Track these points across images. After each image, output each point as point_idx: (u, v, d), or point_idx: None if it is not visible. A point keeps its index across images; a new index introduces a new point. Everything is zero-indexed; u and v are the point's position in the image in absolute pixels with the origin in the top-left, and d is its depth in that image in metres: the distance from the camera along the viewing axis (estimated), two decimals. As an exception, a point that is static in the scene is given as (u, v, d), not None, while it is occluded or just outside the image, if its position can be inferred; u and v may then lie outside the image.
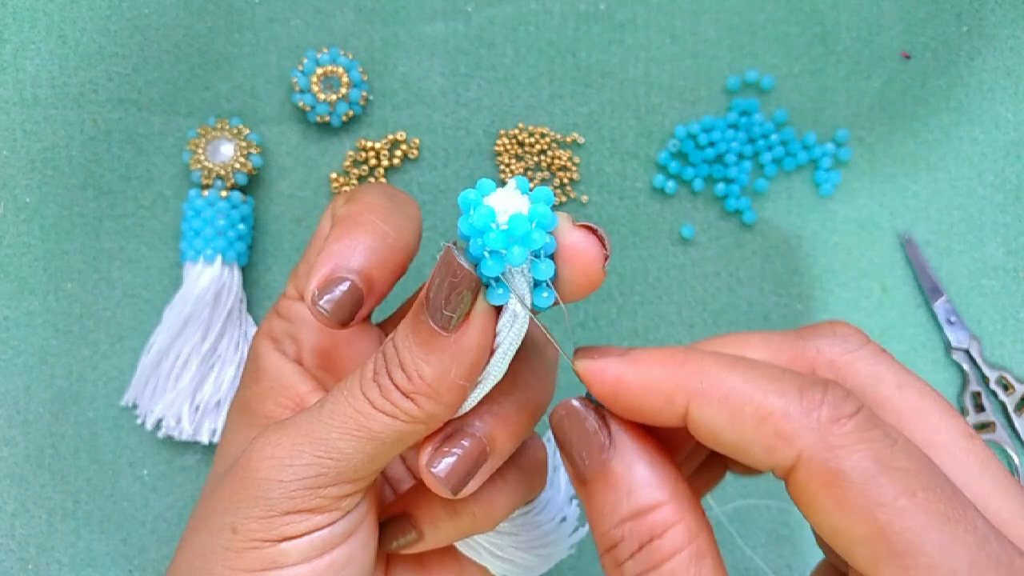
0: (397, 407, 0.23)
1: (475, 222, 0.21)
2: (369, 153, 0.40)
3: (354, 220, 0.26)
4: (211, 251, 0.38)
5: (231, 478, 0.24)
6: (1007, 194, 0.41)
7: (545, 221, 0.22)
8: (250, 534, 0.24)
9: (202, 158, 0.38)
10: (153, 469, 0.39)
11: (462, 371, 0.22)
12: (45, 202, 0.39)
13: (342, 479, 0.23)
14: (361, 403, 0.23)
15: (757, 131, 0.40)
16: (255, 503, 0.23)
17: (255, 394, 0.27)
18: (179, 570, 0.25)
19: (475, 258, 0.22)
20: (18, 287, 0.39)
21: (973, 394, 0.40)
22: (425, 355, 0.22)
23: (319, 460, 0.23)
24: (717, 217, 0.41)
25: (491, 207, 0.21)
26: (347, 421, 0.23)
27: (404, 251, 0.26)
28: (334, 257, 0.25)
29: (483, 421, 0.24)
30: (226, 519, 0.24)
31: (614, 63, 0.40)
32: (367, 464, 0.23)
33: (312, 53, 0.39)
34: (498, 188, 0.22)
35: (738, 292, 0.40)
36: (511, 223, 0.21)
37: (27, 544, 0.39)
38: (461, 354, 0.22)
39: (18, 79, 0.39)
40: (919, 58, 0.41)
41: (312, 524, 0.24)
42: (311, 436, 0.23)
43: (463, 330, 0.22)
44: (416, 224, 0.27)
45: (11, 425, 0.39)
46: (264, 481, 0.23)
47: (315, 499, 0.23)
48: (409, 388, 0.23)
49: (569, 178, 0.40)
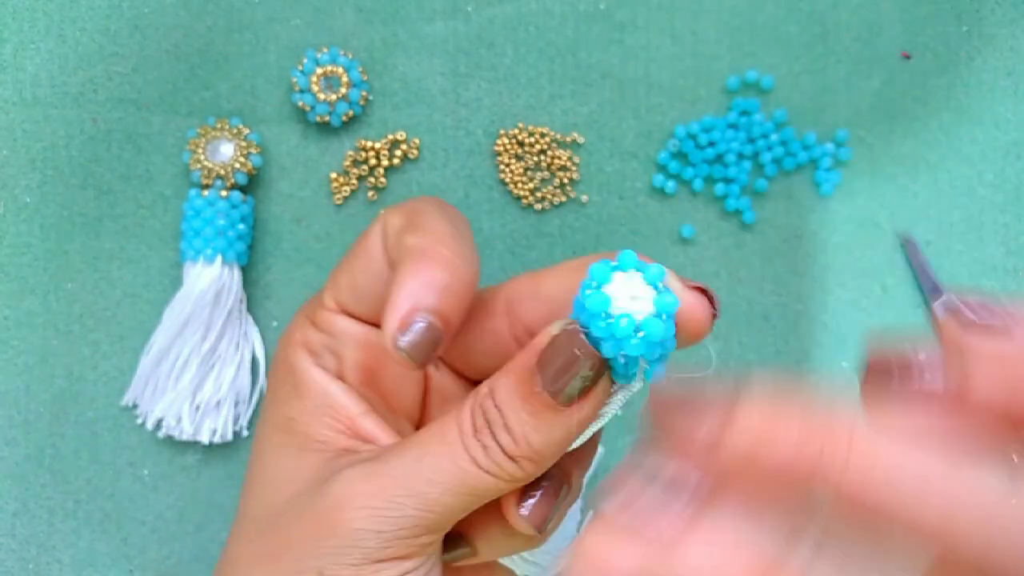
0: (501, 468, 0.23)
1: (616, 332, 0.21)
2: (369, 153, 0.40)
3: (429, 255, 0.25)
4: (211, 251, 0.38)
5: (313, 521, 0.24)
6: (1007, 194, 0.41)
7: (672, 310, 0.21)
8: None
9: (202, 158, 0.38)
10: (154, 469, 0.39)
11: (571, 438, 0.23)
12: (45, 202, 0.39)
13: (436, 529, 0.24)
14: (466, 462, 0.23)
15: (757, 131, 0.40)
16: (348, 552, 0.24)
17: (299, 413, 0.27)
18: None
19: (606, 356, 0.22)
20: (18, 287, 0.39)
21: (973, 394, 0.40)
22: (535, 423, 0.22)
23: (419, 514, 0.23)
24: (717, 217, 0.41)
25: (629, 315, 0.21)
26: (451, 478, 0.23)
27: (473, 286, 0.26)
28: (412, 296, 0.25)
29: (560, 463, 0.25)
30: (312, 563, 0.24)
31: (614, 63, 0.40)
32: (460, 515, 0.24)
33: (312, 53, 0.39)
34: (614, 271, 0.21)
35: (738, 292, 0.40)
36: (649, 330, 0.21)
37: (28, 544, 0.39)
38: (573, 425, 0.22)
39: (17, 78, 0.39)
40: (919, 58, 0.41)
41: (401, 570, 0.24)
42: (412, 490, 0.23)
43: (580, 406, 0.22)
44: (474, 248, 0.27)
45: (11, 425, 0.39)
46: (360, 532, 0.24)
47: (409, 547, 0.24)
48: (515, 452, 0.23)
49: (569, 178, 0.40)
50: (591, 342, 0.21)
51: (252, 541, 0.26)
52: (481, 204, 0.40)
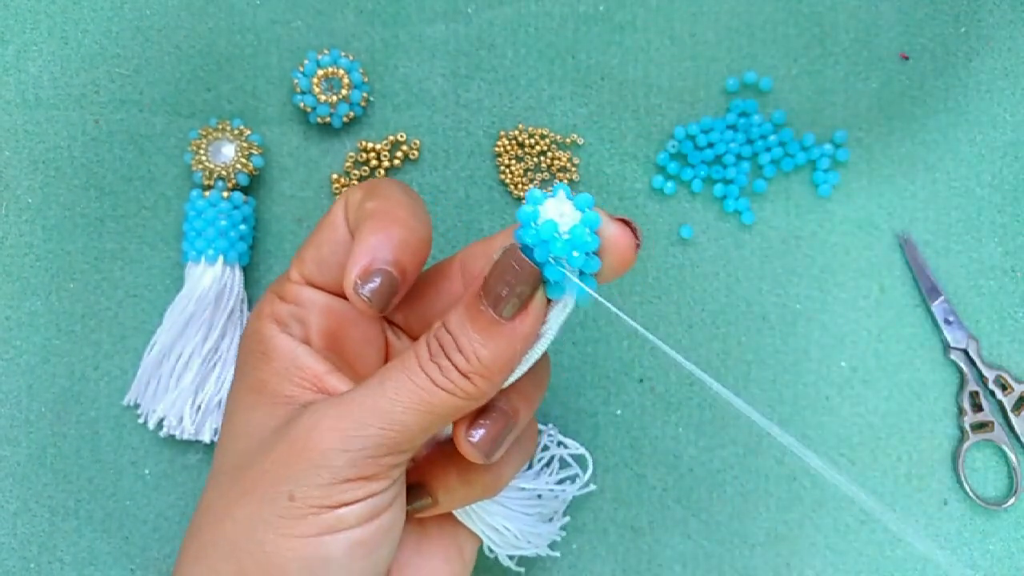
0: (456, 384, 0.25)
1: (542, 234, 0.24)
2: (370, 154, 0.40)
3: (386, 215, 0.28)
4: (213, 251, 0.38)
5: (284, 450, 0.26)
6: (1005, 194, 0.41)
7: (594, 224, 0.25)
8: (309, 500, 0.25)
9: (204, 159, 0.38)
10: (155, 468, 0.39)
11: (516, 354, 0.25)
12: (47, 203, 0.40)
13: (399, 449, 0.26)
14: (423, 380, 0.25)
15: (756, 132, 0.40)
16: (317, 472, 0.25)
17: (269, 375, 0.28)
18: (214, 545, 0.26)
19: (539, 262, 0.25)
20: (20, 287, 0.39)
21: (971, 394, 0.40)
22: (484, 339, 0.25)
23: (382, 432, 0.25)
24: (716, 218, 0.41)
25: (553, 220, 0.24)
26: (411, 396, 0.25)
27: (427, 244, 0.29)
28: (372, 250, 0.27)
29: (508, 396, 0.27)
30: (282, 488, 0.25)
31: (613, 64, 0.40)
32: (421, 436, 0.26)
33: (313, 54, 0.39)
34: (548, 198, 0.25)
35: (736, 292, 0.40)
36: (573, 233, 0.24)
37: (29, 543, 0.39)
38: (517, 339, 0.25)
39: (20, 80, 0.39)
40: (917, 59, 0.41)
41: (368, 490, 0.26)
42: (376, 410, 0.25)
43: (522, 318, 0.25)
44: (429, 218, 0.29)
45: (13, 424, 0.39)
46: (329, 451, 0.25)
47: (374, 467, 0.26)
48: (467, 368, 0.25)
49: (569, 179, 0.40)
50: (526, 256, 0.25)
51: (225, 485, 0.27)
52: (481, 205, 0.40)
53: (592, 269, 0.25)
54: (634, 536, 0.40)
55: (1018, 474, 0.40)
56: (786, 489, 0.40)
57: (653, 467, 0.40)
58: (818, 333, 0.40)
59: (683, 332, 0.40)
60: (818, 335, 0.40)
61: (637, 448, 0.40)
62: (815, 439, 0.40)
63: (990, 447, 0.40)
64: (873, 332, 0.40)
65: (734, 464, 0.40)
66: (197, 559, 0.27)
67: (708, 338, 0.40)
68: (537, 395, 0.29)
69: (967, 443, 0.40)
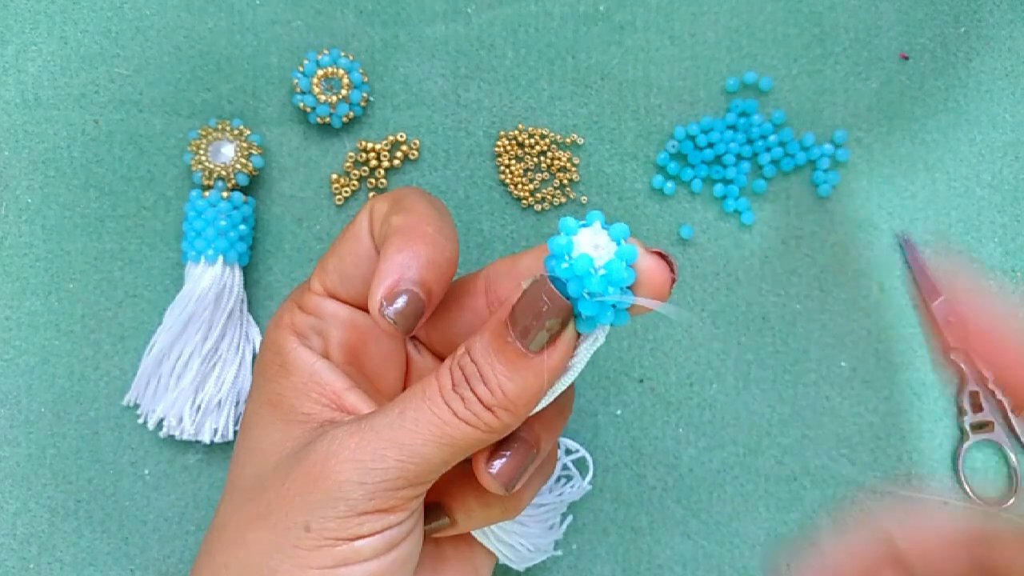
0: (479, 418, 0.24)
1: (576, 269, 0.23)
2: (370, 154, 0.40)
3: (413, 231, 0.27)
4: (212, 252, 0.38)
5: (301, 478, 0.25)
6: (1005, 194, 0.41)
7: (631, 258, 0.24)
8: (325, 532, 0.25)
9: (203, 159, 0.38)
10: (155, 469, 0.39)
11: (542, 388, 0.24)
12: (47, 203, 0.40)
13: (418, 481, 0.25)
14: (445, 413, 0.25)
15: (756, 132, 0.40)
16: (334, 504, 0.24)
17: (286, 389, 0.28)
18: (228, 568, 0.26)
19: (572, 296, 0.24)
20: (20, 287, 0.39)
21: (971, 394, 0.40)
22: (509, 373, 0.24)
23: (401, 464, 0.24)
24: (716, 218, 0.41)
25: (588, 255, 0.23)
26: (432, 429, 0.24)
27: (453, 262, 0.28)
28: (399, 269, 0.26)
29: (531, 427, 0.26)
30: (299, 518, 0.25)
31: (613, 64, 0.40)
32: (440, 468, 0.25)
33: (313, 55, 0.39)
34: (581, 227, 0.24)
35: (737, 292, 0.40)
36: (608, 268, 0.23)
37: (28, 543, 0.39)
38: (544, 374, 0.24)
39: (20, 80, 0.39)
40: (917, 59, 0.41)
41: (385, 523, 0.25)
42: (395, 442, 0.25)
43: (550, 353, 0.24)
44: (454, 228, 0.29)
45: (13, 425, 0.39)
46: (345, 483, 0.24)
47: (393, 499, 0.25)
48: (491, 402, 0.24)
49: (569, 179, 0.40)
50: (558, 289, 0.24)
51: (240, 505, 0.27)
52: (481, 205, 0.40)
53: (625, 305, 0.24)
54: (634, 536, 0.40)
55: (1018, 474, 0.40)
56: (786, 489, 0.40)
57: (653, 467, 0.40)
58: (818, 333, 0.40)
59: (683, 332, 0.40)
60: (818, 335, 0.40)
61: (637, 448, 0.40)
62: (815, 439, 0.40)
63: (990, 447, 0.40)
64: (873, 332, 0.40)
65: (734, 464, 0.40)
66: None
67: (708, 338, 0.40)
68: (560, 423, 0.28)
69: (967, 443, 0.40)
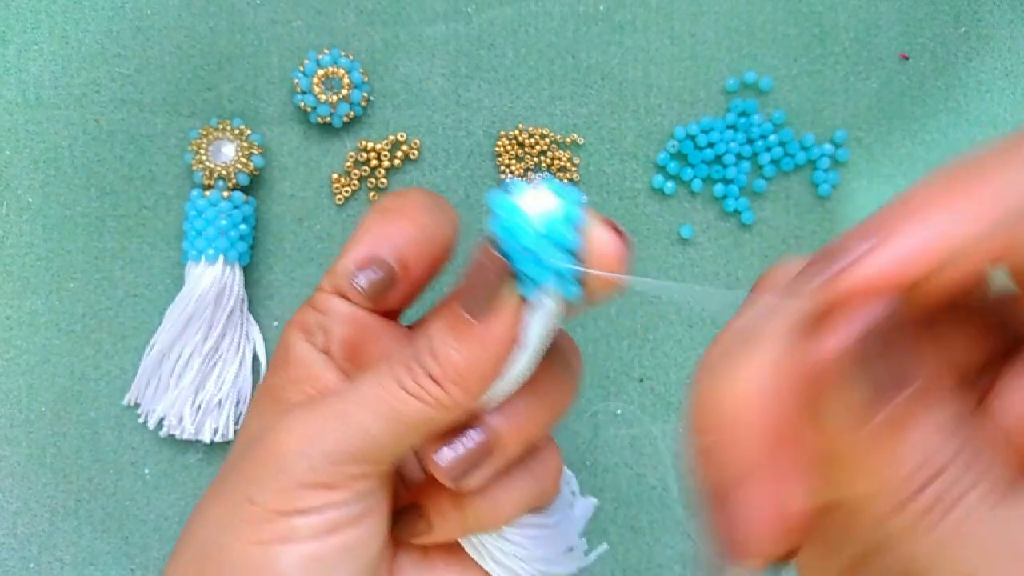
0: (426, 391, 0.23)
1: (509, 224, 0.22)
2: (370, 154, 0.40)
3: (395, 208, 0.27)
4: (213, 251, 0.38)
5: (253, 452, 0.25)
6: (1005, 195, 0.41)
7: (576, 221, 0.22)
8: (266, 504, 0.24)
9: (204, 159, 0.38)
10: (155, 468, 0.39)
11: (491, 361, 0.23)
12: (47, 202, 0.40)
13: (364, 457, 0.24)
14: (392, 386, 0.24)
15: (756, 132, 0.40)
16: (276, 475, 0.24)
17: (282, 381, 0.28)
18: (188, 546, 0.26)
19: (509, 256, 0.22)
20: (21, 287, 0.39)
21: (971, 394, 0.40)
22: (456, 343, 0.23)
23: (345, 437, 0.24)
24: (716, 217, 0.41)
25: (526, 212, 0.22)
26: (377, 402, 0.24)
27: (442, 244, 0.27)
28: (372, 237, 0.26)
29: (492, 418, 0.25)
30: (244, 491, 0.24)
31: (613, 64, 0.40)
32: (390, 446, 0.24)
33: (313, 54, 0.39)
34: (528, 189, 0.22)
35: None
36: (548, 228, 0.22)
37: (29, 543, 0.39)
38: (490, 343, 0.23)
39: (21, 80, 0.39)
40: (917, 59, 0.41)
41: (327, 500, 0.24)
42: (340, 413, 0.24)
43: (494, 319, 0.23)
44: (455, 224, 0.28)
45: (13, 424, 0.39)
46: (289, 453, 0.24)
47: (334, 475, 0.24)
48: (438, 374, 0.23)
49: (569, 179, 0.40)
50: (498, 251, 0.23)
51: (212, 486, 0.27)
52: (481, 205, 0.40)
53: (571, 273, 0.23)
54: (634, 536, 0.40)
55: (1018, 474, 0.40)
56: (786, 489, 0.40)
57: (653, 467, 0.40)
58: (818, 333, 0.40)
59: (683, 332, 0.40)
60: (818, 335, 0.40)
61: (637, 448, 0.40)
62: (815, 439, 0.40)
63: (990, 447, 0.40)
64: (873, 332, 0.40)
65: (734, 464, 0.40)
66: (174, 558, 0.26)
67: (708, 338, 0.40)
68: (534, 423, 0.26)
69: (967, 443, 0.40)
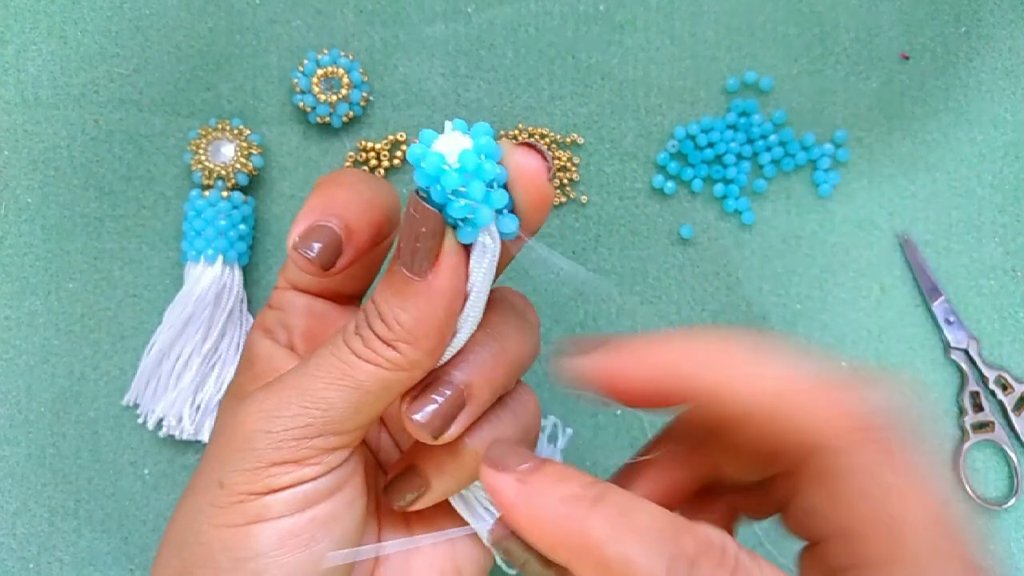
0: (380, 355, 0.23)
1: (428, 169, 0.22)
2: (369, 154, 0.40)
3: (330, 181, 0.27)
4: (212, 251, 0.38)
5: (219, 437, 0.25)
6: (1005, 194, 0.41)
7: (491, 152, 0.22)
8: (236, 487, 0.24)
9: (203, 159, 0.38)
10: (154, 468, 0.39)
11: (438, 313, 0.23)
12: (47, 202, 0.40)
13: (328, 429, 0.24)
14: (345, 354, 0.24)
15: (756, 132, 0.40)
16: (243, 456, 0.24)
17: (248, 380, 0.28)
18: (168, 540, 0.26)
19: (440, 204, 0.23)
20: (20, 287, 0.39)
21: (972, 394, 0.40)
22: (401, 302, 0.23)
23: (306, 410, 0.24)
24: (716, 217, 0.41)
25: (439, 152, 0.22)
26: (332, 371, 0.24)
27: (381, 208, 0.27)
28: (312, 209, 0.26)
29: (460, 370, 0.25)
30: (214, 475, 0.24)
31: (613, 64, 0.40)
32: (353, 415, 0.24)
33: (313, 54, 0.39)
34: (440, 136, 0.23)
35: (737, 292, 0.40)
36: (462, 161, 0.22)
37: (28, 543, 0.39)
38: (435, 296, 0.23)
39: (20, 80, 0.39)
40: (917, 59, 0.41)
41: (297, 476, 0.24)
42: (298, 388, 0.24)
43: (435, 272, 0.23)
44: (392, 192, 0.28)
45: (12, 424, 0.39)
46: (252, 433, 0.24)
47: (301, 450, 0.24)
48: (389, 336, 0.23)
49: (569, 179, 0.40)
50: (429, 204, 0.22)
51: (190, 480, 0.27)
52: (481, 205, 0.40)
53: (500, 203, 0.23)
54: (634, 536, 0.40)
55: (1018, 474, 0.40)
56: (786, 489, 0.40)
57: (653, 467, 0.40)
58: (818, 333, 0.40)
59: (683, 332, 0.40)
60: (818, 335, 0.40)
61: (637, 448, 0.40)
62: (815, 439, 0.40)
63: (990, 447, 0.40)
64: (873, 332, 0.40)
65: (734, 464, 0.40)
66: (157, 554, 0.26)
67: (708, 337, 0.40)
68: (500, 369, 0.26)
69: (967, 443, 0.40)
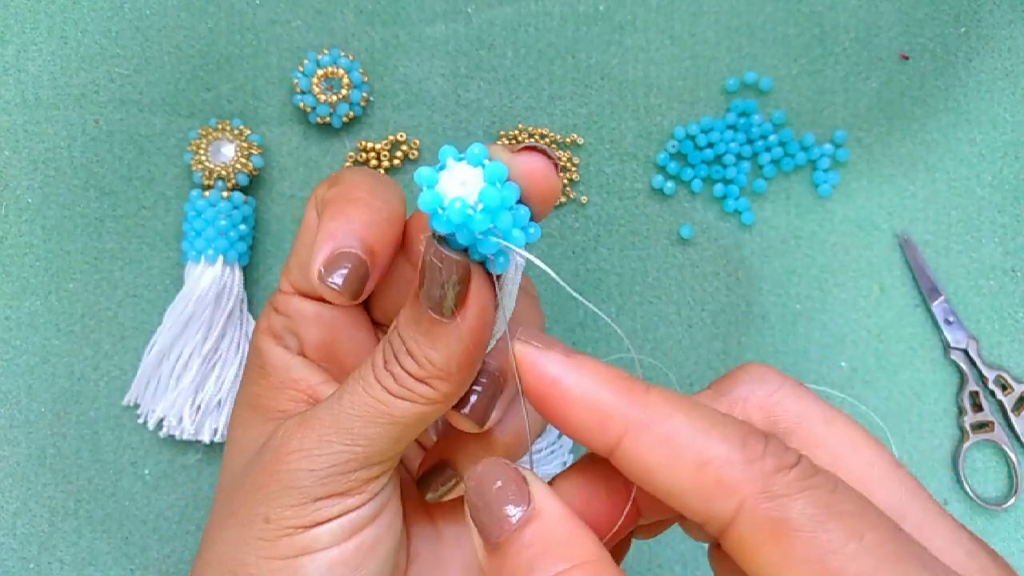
0: (414, 392, 0.24)
1: (452, 216, 0.21)
2: (370, 154, 0.40)
3: (345, 198, 0.26)
4: (212, 251, 0.38)
5: (259, 472, 0.25)
6: (1005, 194, 0.41)
7: (502, 175, 0.22)
8: (283, 522, 0.24)
9: (203, 159, 0.38)
10: (155, 468, 0.39)
11: (470, 349, 0.23)
12: (47, 202, 0.40)
13: (370, 462, 0.25)
14: (378, 391, 0.24)
15: (756, 132, 0.40)
16: (288, 493, 0.24)
17: (264, 389, 0.28)
18: (209, 565, 0.26)
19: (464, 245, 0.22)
20: (20, 287, 0.39)
21: (971, 394, 0.40)
22: (431, 343, 0.23)
23: (347, 448, 0.24)
24: (716, 217, 0.41)
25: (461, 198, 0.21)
26: (368, 410, 0.24)
27: (397, 223, 0.27)
28: (333, 235, 0.26)
29: (493, 358, 0.25)
30: (259, 510, 0.25)
31: (613, 64, 0.40)
32: (392, 446, 0.25)
33: (313, 54, 0.39)
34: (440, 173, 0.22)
35: (736, 292, 0.40)
36: (484, 200, 0.21)
37: (29, 543, 0.39)
38: (466, 335, 0.23)
39: (20, 80, 0.39)
40: (917, 59, 0.41)
41: (342, 507, 0.25)
42: (336, 427, 0.24)
43: (464, 313, 0.23)
44: (402, 198, 0.28)
45: (13, 425, 0.39)
46: (296, 472, 0.24)
47: (345, 483, 0.25)
48: (421, 374, 0.24)
49: (569, 179, 0.40)
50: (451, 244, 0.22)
51: (220, 504, 0.27)
52: (481, 205, 0.40)
53: (524, 221, 0.22)
54: (634, 536, 0.40)
55: (1018, 474, 0.40)
56: (786, 489, 0.40)
57: (653, 467, 0.40)
58: (818, 333, 0.40)
59: (683, 332, 0.40)
60: (818, 335, 0.40)
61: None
62: (815, 439, 0.40)
63: (990, 447, 0.40)
64: (873, 332, 0.40)
65: (734, 464, 0.40)
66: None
67: (708, 338, 0.40)
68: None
69: (967, 443, 0.40)
